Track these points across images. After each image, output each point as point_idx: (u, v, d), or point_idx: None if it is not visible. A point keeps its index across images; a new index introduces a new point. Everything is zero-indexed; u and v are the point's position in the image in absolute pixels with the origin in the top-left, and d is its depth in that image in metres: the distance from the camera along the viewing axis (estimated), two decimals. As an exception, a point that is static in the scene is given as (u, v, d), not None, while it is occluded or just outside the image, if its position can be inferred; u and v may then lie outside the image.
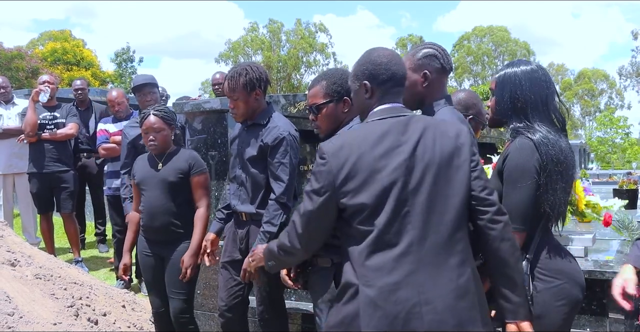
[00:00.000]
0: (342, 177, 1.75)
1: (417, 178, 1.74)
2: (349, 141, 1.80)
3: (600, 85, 45.05)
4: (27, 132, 5.39)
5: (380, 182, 1.73)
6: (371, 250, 1.71)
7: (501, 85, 2.07)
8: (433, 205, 1.73)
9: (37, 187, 5.51)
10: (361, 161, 1.75)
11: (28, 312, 3.06)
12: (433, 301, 1.66)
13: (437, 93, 2.27)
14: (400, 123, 1.81)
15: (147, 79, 4.51)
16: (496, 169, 2.05)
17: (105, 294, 3.97)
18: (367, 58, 1.93)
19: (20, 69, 21.12)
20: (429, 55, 2.26)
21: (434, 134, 1.80)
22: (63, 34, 33.59)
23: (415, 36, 44.60)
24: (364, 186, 1.73)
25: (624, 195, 4.93)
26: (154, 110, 3.21)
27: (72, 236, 5.60)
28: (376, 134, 1.79)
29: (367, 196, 1.73)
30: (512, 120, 2.04)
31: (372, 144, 1.76)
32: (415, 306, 1.66)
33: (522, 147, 1.93)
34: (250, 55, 41.04)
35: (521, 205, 1.91)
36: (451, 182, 1.76)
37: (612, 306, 2.75)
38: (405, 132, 1.79)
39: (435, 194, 1.74)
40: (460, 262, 1.73)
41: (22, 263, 3.62)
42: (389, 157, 1.75)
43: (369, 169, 1.74)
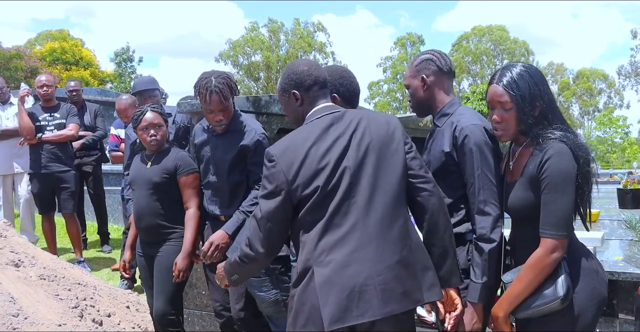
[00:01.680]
0: (293, 173, 1.91)
1: (358, 163, 1.91)
2: (294, 141, 1.96)
3: (598, 85, 45.09)
4: (25, 136, 5.37)
5: (328, 171, 1.89)
6: (322, 233, 1.86)
7: (520, 95, 1.94)
8: (375, 186, 1.90)
9: (38, 187, 5.48)
10: (308, 157, 1.91)
11: (33, 313, 3.04)
12: (382, 273, 1.82)
13: (441, 95, 2.31)
14: (336, 117, 1.99)
15: (147, 84, 4.51)
16: (525, 177, 1.96)
17: (109, 294, 3.95)
18: (289, 70, 2.12)
19: (19, 69, 21.10)
20: (425, 60, 2.31)
21: (368, 122, 1.98)
22: (61, 33, 33.56)
23: (414, 35, 44.61)
24: (314, 178, 1.89)
25: (629, 195, 4.92)
26: (149, 107, 3.18)
27: (74, 236, 5.59)
28: (317, 130, 1.96)
29: (316, 185, 1.89)
30: (533, 128, 1.96)
31: (315, 140, 1.93)
32: (367, 279, 1.80)
33: (561, 152, 1.87)
34: (250, 54, 41.04)
35: (567, 211, 1.88)
36: (389, 164, 1.94)
37: (622, 306, 2.74)
38: (342, 125, 1.97)
39: (376, 176, 1.91)
40: (402, 235, 1.89)
41: (26, 264, 3.61)
42: (332, 148, 1.91)
43: (316, 162, 1.90)
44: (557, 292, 1.86)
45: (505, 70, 2.00)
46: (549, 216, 1.87)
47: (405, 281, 1.84)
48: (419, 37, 43.93)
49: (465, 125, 2.15)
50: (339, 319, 1.78)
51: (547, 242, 1.87)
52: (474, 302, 2.09)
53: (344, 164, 1.90)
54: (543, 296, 1.89)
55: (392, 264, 1.83)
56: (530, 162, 1.95)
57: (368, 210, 1.88)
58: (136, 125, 3.16)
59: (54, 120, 5.52)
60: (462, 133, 2.14)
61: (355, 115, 2.01)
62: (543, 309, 1.89)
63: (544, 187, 1.89)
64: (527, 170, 1.96)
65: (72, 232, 5.58)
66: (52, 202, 5.58)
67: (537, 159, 1.91)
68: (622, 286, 2.75)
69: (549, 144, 1.89)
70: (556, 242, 1.86)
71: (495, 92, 2.00)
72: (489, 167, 2.11)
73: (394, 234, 1.88)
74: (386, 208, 1.89)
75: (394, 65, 43.32)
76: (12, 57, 21.13)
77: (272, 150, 1.97)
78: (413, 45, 43.53)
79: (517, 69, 1.99)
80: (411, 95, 2.36)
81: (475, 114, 2.25)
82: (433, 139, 2.32)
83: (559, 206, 1.86)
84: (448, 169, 2.21)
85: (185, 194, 3.11)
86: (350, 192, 1.88)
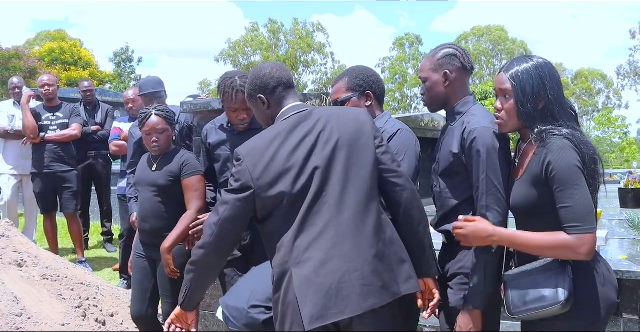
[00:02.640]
0: (259, 172, 1.91)
1: (327, 161, 1.91)
2: (260, 141, 1.98)
3: (597, 85, 45.14)
4: (29, 135, 5.39)
5: (295, 171, 1.90)
6: (296, 235, 1.87)
7: (520, 86, 1.92)
8: (346, 183, 1.91)
9: (40, 187, 5.49)
10: (274, 157, 1.91)
11: (36, 313, 3.04)
12: (360, 268, 1.83)
13: (459, 93, 2.26)
14: (303, 116, 2.00)
15: (155, 86, 4.48)
16: (528, 174, 1.92)
17: (112, 294, 3.95)
18: (252, 76, 2.14)
19: (18, 69, 21.06)
20: (448, 55, 2.24)
21: (337, 119, 1.99)
22: (60, 33, 33.52)
23: (412, 35, 44.60)
24: (280, 178, 1.90)
25: (630, 194, 4.93)
26: (155, 110, 3.10)
27: (76, 236, 5.59)
28: (284, 130, 1.97)
29: (284, 185, 1.89)
30: (536, 123, 1.91)
31: (282, 140, 1.94)
32: (345, 275, 1.81)
33: (563, 148, 1.82)
34: (249, 55, 41.02)
35: (588, 202, 1.81)
36: (359, 161, 1.94)
37: (626, 305, 2.75)
38: (309, 123, 1.97)
39: (347, 173, 1.92)
40: (376, 230, 1.90)
41: (29, 264, 3.60)
42: (299, 148, 1.92)
43: (283, 162, 1.91)
44: (558, 297, 1.81)
45: (515, 61, 1.99)
46: (569, 213, 1.79)
47: (382, 275, 1.85)
48: (417, 37, 43.93)
49: (475, 128, 2.09)
50: (319, 317, 1.79)
51: (576, 237, 1.78)
52: (472, 308, 2.08)
53: (312, 163, 1.91)
54: (543, 298, 1.84)
55: (368, 258, 1.85)
56: (534, 159, 1.90)
57: (340, 207, 1.88)
58: (140, 127, 3.13)
59: (57, 120, 5.54)
60: (470, 135, 2.09)
61: (323, 113, 2.02)
62: (542, 312, 1.84)
63: (554, 186, 1.82)
64: (530, 167, 1.92)
65: (74, 232, 5.59)
66: (54, 202, 5.60)
67: (540, 156, 1.86)
68: (627, 285, 2.75)
69: (552, 141, 1.85)
70: (584, 237, 1.77)
71: (499, 79, 1.99)
72: (495, 172, 2.06)
73: (368, 229, 1.89)
74: (358, 204, 1.90)
75: (392, 66, 43.33)
76: (10, 58, 21.10)
77: (239, 150, 2.00)
78: (412, 46, 43.55)
79: (527, 62, 1.96)
80: (428, 89, 2.28)
81: (487, 115, 2.19)
82: (444, 138, 2.28)
83: (578, 200, 1.79)
84: (455, 170, 2.18)
85: (186, 196, 3.03)
86: (321, 191, 1.89)
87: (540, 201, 1.88)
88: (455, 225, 2.00)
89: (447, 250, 2.31)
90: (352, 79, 2.40)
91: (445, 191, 2.24)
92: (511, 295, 1.93)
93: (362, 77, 2.40)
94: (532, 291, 1.87)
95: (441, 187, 2.26)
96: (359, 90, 2.40)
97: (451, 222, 2.21)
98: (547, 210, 1.88)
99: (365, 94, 2.40)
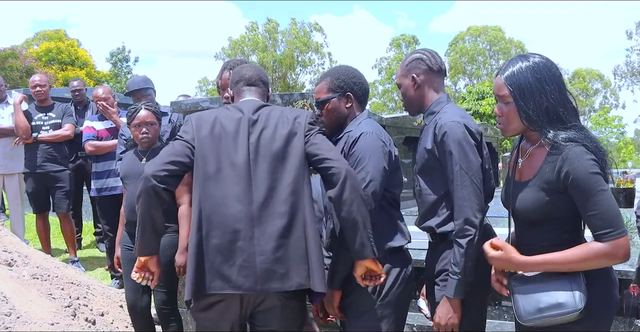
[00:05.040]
0: (196, 132, 2.18)
1: (259, 154, 2.13)
2: (208, 115, 2.24)
3: (594, 85, 45.21)
4: (21, 135, 5.38)
5: (221, 154, 2.14)
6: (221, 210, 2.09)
7: (519, 91, 1.86)
8: (273, 174, 2.12)
9: (33, 187, 5.48)
10: (213, 131, 2.17)
11: (25, 313, 3.04)
12: (265, 253, 2.05)
13: (431, 94, 2.33)
14: (250, 108, 2.22)
15: (141, 84, 4.54)
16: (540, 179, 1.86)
17: (103, 294, 3.95)
18: None
19: (15, 69, 21.05)
20: (415, 60, 2.33)
21: (278, 117, 2.19)
22: (57, 33, 33.47)
23: (408, 36, 44.59)
24: (210, 151, 2.14)
25: (621, 194, 4.95)
26: (144, 105, 3.29)
27: (69, 235, 5.58)
28: (227, 115, 2.21)
29: (211, 163, 2.13)
30: (545, 126, 1.84)
31: (222, 121, 2.19)
32: (251, 256, 2.04)
33: (580, 155, 1.76)
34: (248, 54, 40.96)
35: (614, 206, 1.76)
36: (288, 156, 2.14)
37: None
38: (254, 114, 2.20)
39: (274, 165, 2.12)
40: (289, 223, 2.09)
41: (19, 263, 3.60)
42: (239, 134, 2.15)
43: (217, 139, 2.15)
44: (576, 303, 1.74)
45: (511, 63, 1.92)
46: (599, 220, 1.74)
47: (289, 264, 2.06)
48: (413, 38, 43.93)
49: (445, 122, 2.15)
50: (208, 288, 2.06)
51: (611, 243, 1.72)
52: (450, 297, 2.10)
53: (242, 155, 2.13)
54: (560, 305, 1.76)
55: (276, 247, 2.06)
56: (546, 164, 1.83)
57: (266, 196, 2.09)
58: (130, 122, 3.27)
59: (50, 120, 5.52)
60: (441, 130, 2.15)
61: (266, 110, 2.23)
62: (558, 319, 1.77)
63: (577, 196, 1.77)
64: (542, 172, 1.85)
65: (67, 232, 5.58)
66: (47, 201, 5.58)
67: (555, 164, 1.80)
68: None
69: (567, 148, 1.78)
70: (619, 241, 1.72)
71: (496, 84, 1.94)
72: (467, 164, 2.10)
73: (281, 221, 2.08)
74: (281, 197, 2.10)
75: (389, 66, 43.33)
76: (7, 57, 21.09)
77: (189, 115, 2.36)
78: (409, 46, 43.54)
79: (523, 62, 1.88)
80: (402, 94, 2.39)
81: (458, 111, 2.26)
82: (421, 137, 2.34)
83: (605, 205, 1.74)
84: (431, 166, 2.22)
85: (177, 190, 3.11)
86: (249, 177, 2.11)
87: (552, 207, 1.84)
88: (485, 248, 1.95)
89: (431, 248, 2.34)
90: (334, 80, 2.41)
91: (424, 187, 2.27)
92: (521, 301, 1.84)
93: (343, 78, 2.41)
94: (545, 297, 1.80)
95: (420, 185, 2.29)
96: (340, 92, 2.40)
97: (429, 219, 2.25)
98: (555, 216, 1.84)
99: (346, 96, 2.40)
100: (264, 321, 2.17)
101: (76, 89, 6.15)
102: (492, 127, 10.65)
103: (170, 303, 3.28)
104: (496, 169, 2.01)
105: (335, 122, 2.43)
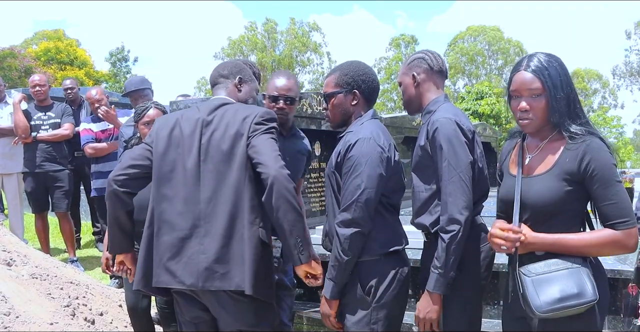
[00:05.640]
0: (156, 134, 2.31)
1: (208, 156, 2.20)
2: (171, 118, 2.34)
3: (593, 85, 45.21)
4: (20, 134, 5.38)
5: (176, 155, 2.23)
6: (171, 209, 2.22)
7: (552, 83, 1.88)
8: (218, 174, 2.18)
9: (31, 186, 5.49)
10: (172, 133, 2.27)
11: (24, 312, 3.04)
12: (207, 252, 2.13)
13: (430, 93, 2.35)
14: (207, 109, 2.29)
15: (138, 85, 4.53)
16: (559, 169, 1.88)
17: (102, 293, 3.95)
18: None
19: (13, 68, 21.03)
20: (417, 59, 2.38)
21: (230, 117, 2.24)
22: (56, 33, 33.42)
23: (408, 36, 44.57)
24: (166, 152, 2.25)
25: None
26: (154, 104, 3.31)
27: (68, 235, 5.58)
28: (188, 116, 2.30)
29: (166, 164, 2.24)
30: (567, 119, 1.89)
31: (180, 124, 2.28)
32: (194, 254, 2.14)
33: (600, 147, 1.84)
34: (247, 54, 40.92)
35: (628, 198, 1.85)
36: (234, 157, 2.18)
37: (611, 304, 2.76)
38: (209, 115, 2.26)
39: (220, 166, 2.18)
40: (231, 223, 2.14)
41: (18, 263, 3.60)
42: (193, 136, 2.23)
43: (172, 143, 2.26)
44: (593, 294, 1.77)
45: (532, 57, 1.93)
46: (616, 209, 1.82)
47: (231, 265, 2.12)
48: (412, 38, 43.90)
49: (437, 119, 2.18)
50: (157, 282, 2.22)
51: (625, 232, 1.80)
52: (430, 290, 2.12)
53: (190, 154, 2.21)
54: (580, 295, 1.77)
55: (219, 248, 2.13)
56: (566, 154, 1.87)
57: (211, 197, 2.17)
58: (138, 119, 3.26)
59: (49, 120, 5.53)
60: (433, 126, 2.17)
61: (224, 110, 2.28)
62: (574, 309, 1.78)
63: (596, 185, 1.83)
64: (561, 162, 1.88)
65: (66, 232, 5.58)
66: (46, 201, 5.59)
67: (577, 152, 1.85)
68: (611, 283, 2.77)
69: (589, 139, 1.85)
70: (632, 230, 1.80)
71: (524, 79, 1.91)
72: (456, 160, 2.11)
73: (225, 222, 2.15)
74: (227, 199, 2.16)
75: (388, 66, 43.32)
76: (6, 57, 21.07)
77: (158, 118, 2.48)
78: (408, 46, 43.52)
79: (544, 56, 1.92)
80: (402, 92, 2.43)
81: (453, 109, 2.27)
82: (418, 136, 2.35)
83: (621, 196, 1.82)
84: (424, 163, 2.24)
85: None
86: (196, 177, 2.20)
87: (569, 196, 1.87)
88: (491, 232, 1.93)
89: (426, 248, 2.34)
90: (342, 75, 2.40)
91: (417, 184, 2.29)
92: (537, 292, 1.82)
93: (352, 74, 2.39)
94: (559, 287, 1.80)
95: (414, 182, 2.31)
96: (347, 88, 2.39)
97: (422, 215, 2.26)
98: (568, 209, 1.88)
99: (352, 93, 2.39)
100: (223, 318, 2.22)
101: (68, 87, 6.13)
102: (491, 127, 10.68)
103: (172, 304, 3.26)
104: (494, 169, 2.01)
105: (339, 117, 2.43)
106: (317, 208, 5.21)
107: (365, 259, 2.24)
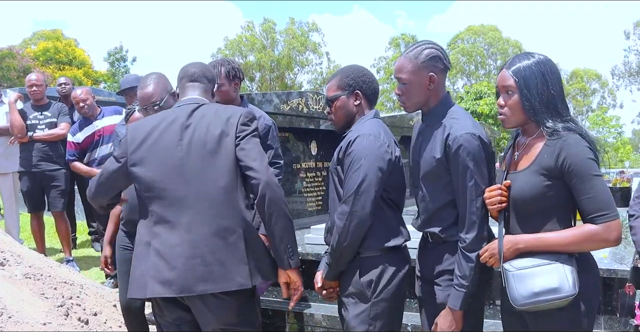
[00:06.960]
0: (132, 148, 2.22)
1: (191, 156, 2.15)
2: (145, 123, 2.26)
3: (592, 85, 45.23)
4: (16, 134, 5.36)
5: (160, 160, 2.17)
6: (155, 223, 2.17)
7: (524, 82, 1.94)
8: (203, 179, 2.14)
9: (27, 186, 5.47)
10: (148, 139, 2.20)
11: (17, 312, 3.02)
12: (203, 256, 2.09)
13: (439, 93, 2.26)
14: (185, 112, 2.24)
15: (132, 83, 4.52)
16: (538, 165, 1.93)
17: (96, 293, 3.93)
18: None
19: (12, 68, 21.02)
20: (432, 57, 2.19)
21: (211, 118, 2.20)
22: (55, 33, 33.39)
23: (408, 35, 44.59)
24: (148, 161, 2.19)
25: (618, 193, 4.95)
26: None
27: (64, 235, 5.56)
28: (166, 120, 2.23)
29: (152, 173, 2.17)
30: (545, 117, 1.93)
31: (161, 128, 2.21)
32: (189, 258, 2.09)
33: (576, 143, 1.86)
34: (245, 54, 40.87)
35: (607, 191, 1.87)
36: (218, 159, 2.15)
37: (607, 303, 2.75)
38: (188, 119, 2.21)
39: (205, 171, 2.14)
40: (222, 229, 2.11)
41: (12, 262, 3.58)
42: (172, 139, 2.18)
43: (152, 146, 2.19)
44: (570, 288, 1.81)
45: (517, 58, 2.02)
46: (593, 202, 1.84)
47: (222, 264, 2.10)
48: (412, 37, 43.91)
49: (460, 134, 2.08)
50: None
51: (604, 225, 1.82)
52: (454, 309, 2.10)
53: (176, 156, 2.16)
54: (557, 290, 1.82)
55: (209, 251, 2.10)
56: (545, 150, 1.92)
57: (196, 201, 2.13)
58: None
59: (45, 119, 5.51)
60: (456, 142, 2.08)
61: (203, 111, 2.24)
62: (553, 303, 1.83)
63: (573, 180, 1.86)
64: (539, 159, 1.92)
65: (62, 231, 5.56)
66: (42, 200, 5.56)
67: (554, 148, 1.88)
68: (607, 283, 2.76)
69: (566, 135, 1.88)
70: (612, 224, 1.81)
71: (502, 76, 2.01)
72: (482, 178, 2.09)
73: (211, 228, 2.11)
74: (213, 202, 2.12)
75: (387, 66, 43.32)
76: (4, 57, 21.07)
77: (129, 125, 2.38)
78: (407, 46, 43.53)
79: (528, 59, 1.98)
80: (407, 91, 2.23)
81: (468, 118, 2.20)
82: (422, 139, 2.27)
83: (599, 189, 1.84)
84: (438, 174, 2.18)
85: None
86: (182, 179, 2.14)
87: (549, 190, 1.90)
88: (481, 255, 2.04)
89: (433, 250, 2.30)
90: (343, 78, 2.43)
91: (428, 194, 2.24)
92: (515, 285, 1.89)
93: (352, 76, 2.42)
94: (540, 281, 1.85)
95: (424, 190, 2.26)
96: (349, 90, 2.42)
97: (435, 225, 2.23)
98: (555, 202, 1.90)
99: (354, 94, 2.42)
100: (205, 318, 2.20)
101: (62, 82, 6.14)
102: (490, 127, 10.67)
103: None
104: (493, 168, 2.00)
105: (343, 119, 2.45)
106: (313, 208, 5.19)
107: (366, 255, 2.27)
